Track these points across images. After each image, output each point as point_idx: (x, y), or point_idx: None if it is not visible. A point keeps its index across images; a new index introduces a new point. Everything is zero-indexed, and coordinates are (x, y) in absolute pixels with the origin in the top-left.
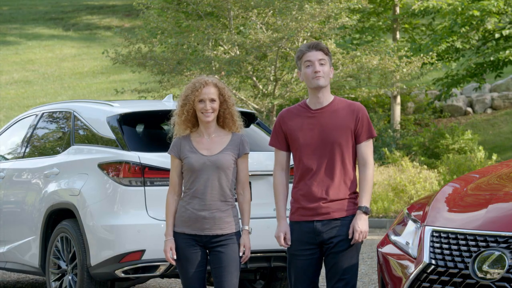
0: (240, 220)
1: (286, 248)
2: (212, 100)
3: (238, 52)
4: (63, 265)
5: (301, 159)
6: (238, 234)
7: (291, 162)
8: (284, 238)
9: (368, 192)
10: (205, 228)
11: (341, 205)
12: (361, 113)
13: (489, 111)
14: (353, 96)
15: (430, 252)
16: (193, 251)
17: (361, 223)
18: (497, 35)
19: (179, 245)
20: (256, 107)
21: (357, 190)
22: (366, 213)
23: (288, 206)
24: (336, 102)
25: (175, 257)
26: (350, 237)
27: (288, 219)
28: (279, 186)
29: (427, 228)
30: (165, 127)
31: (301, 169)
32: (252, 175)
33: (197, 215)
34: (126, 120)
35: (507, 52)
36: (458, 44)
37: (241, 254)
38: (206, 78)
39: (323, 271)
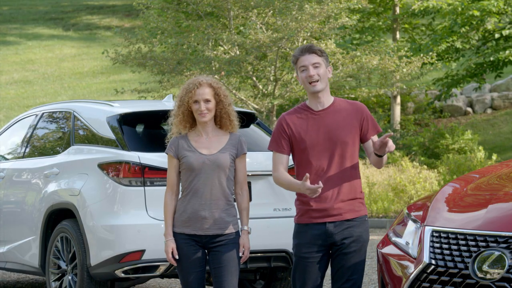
0: (239, 220)
1: (286, 249)
2: (207, 101)
3: (238, 52)
4: (63, 265)
5: (310, 161)
6: (237, 234)
7: (290, 163)
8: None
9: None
10: (205, 228)
11: (352, 206)
12: (365, 112)
13: (489, 111)
14: (353, 96)
15: (430, 252)
16: (192, 251)
17: None
18: (497, 35)
19: (179, 245)
20: (256, 107)
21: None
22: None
23: (290, 206)
24: (338, 103)
25: (177, 257)
26: None
27: (294, 221)
28: (283, 177)
29: (427, 228)
30: (165, 127)
31: (310, 171)
32: (252, 175)
33: (197, 215)
34: (126, 120)
35: (507, 52)
36: (458, 44)
37: (240, 254)
38: (201, 78)
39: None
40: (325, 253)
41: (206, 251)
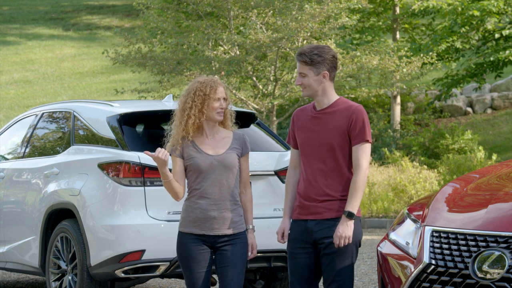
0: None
1: (286, 248)
2: (225, 99)
3: (238, 52)
4: (63, 265)
5: (301, 159)
6: (244, 234)
7: None
8: (283, 235)
9: (355, 196)
10: (214, 228)
11: (333, 206)
12: (355, 115)
13: (489, 111)
14: (353, 96)
15: (430, 252)
16: (200, 251)
17: (342, 228)
18: (497, 35)
19: (186, 245)
20: (256, 107)
21: None
22: (350, 217)
23: None
24: (337, 103)
25: None
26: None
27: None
28: (288, 184)
29: (427, 228)
30: (165, 127)
31: (301, 168)
32: (252, 175)
33: (206, 215)
34: (126, 120)
35: (507, 52)
36: (458, 44)
37: (249, 254)
38: (214, 78)
39: None
40: (312, 251)
41: (212, 251)
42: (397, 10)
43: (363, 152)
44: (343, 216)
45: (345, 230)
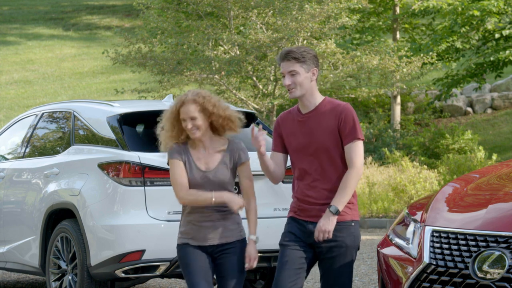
0: (245, 227)
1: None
2: (192, 118)
3: (238, 52)
4: (63, 265)
5: (295, 163)
6: (243, 242)
7: (289, 163)
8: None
9: (344, 193)
10: (208, 238)
11: None
12: (344, 114)
13: (489, 111)
14: (353, 96)
15: (430, 252)
16: (199, 256)
17: (324, 222)
18: (497, 35)
19: (186, 252)
20: (256, 107)
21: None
22: (334, 213)
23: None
24: (323, 105)
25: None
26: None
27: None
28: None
29: (427, 228)
30: None
31: (296, 173)
32: (252, 175)
33: (200, 226)
34: (126, 120)
35: (507, 52)
36: (458, 44)
37: (246, 265)
38: (186, 95)
39: (317, 274)
40: (306, 249)
41: (211, 259)
42: (397, 10)
43: (356, 150)
44: (327, 210)
45: (326, 224)
